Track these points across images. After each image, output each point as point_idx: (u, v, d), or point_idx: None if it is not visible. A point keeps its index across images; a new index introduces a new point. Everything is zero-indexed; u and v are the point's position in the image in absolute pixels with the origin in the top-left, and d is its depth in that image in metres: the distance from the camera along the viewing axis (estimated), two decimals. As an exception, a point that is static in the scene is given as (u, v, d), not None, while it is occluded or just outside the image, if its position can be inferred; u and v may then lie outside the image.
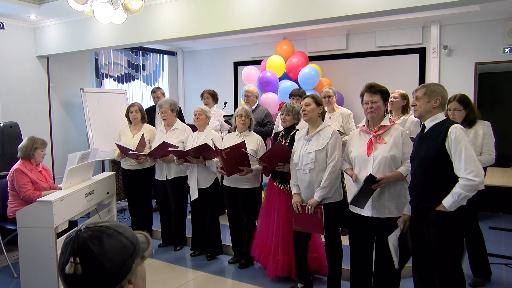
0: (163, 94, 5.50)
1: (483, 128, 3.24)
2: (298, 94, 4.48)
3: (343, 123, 4.21)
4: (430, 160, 2.34)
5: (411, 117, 3.80)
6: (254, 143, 3.69)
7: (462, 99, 3.24)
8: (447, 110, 3.28)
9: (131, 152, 4.18)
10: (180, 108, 5.81)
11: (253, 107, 4.71)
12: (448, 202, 2.28)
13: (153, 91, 5.49)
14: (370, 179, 2.55)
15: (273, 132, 4.39)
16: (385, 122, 2.70)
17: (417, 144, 2.49)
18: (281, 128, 3.65)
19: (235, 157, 3.45)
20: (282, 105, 3.61)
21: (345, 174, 2.78)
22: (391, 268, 2.69)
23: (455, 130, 2.28)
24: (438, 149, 2.31)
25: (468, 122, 3.24)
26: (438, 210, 2.31)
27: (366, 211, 2.70)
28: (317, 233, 3.19)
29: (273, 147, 3.36)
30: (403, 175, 2.60)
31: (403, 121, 3.77)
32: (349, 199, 2.69)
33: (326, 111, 3.27)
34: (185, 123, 4.56)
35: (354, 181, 2.71)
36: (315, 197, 2.97)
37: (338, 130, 3.89)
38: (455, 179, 2.29)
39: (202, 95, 5.14)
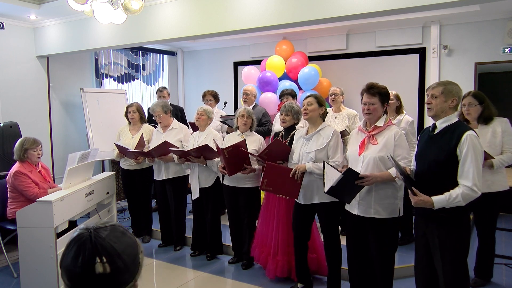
0: (169, 94, 5.47)
1: (502, 125, 3.14)
2: (288, 93, 4.49)
3: (349, 123, 4.20)
4: (439, 164, 2.29)
5: (405, 117, 3.83)
6: (256, 143, 3.68)
7: (477, 95, 3.19)
8: (461, 106, 3.25)
9: (130, 150, 4.18)
10: (182, 108, 5.81)
11: (251, 107, 4.70)
12: (440, 202, 2.23)
13: (159, 90, 5.41)
14: (349, 173, 2.52)
15: (273, 132, 4.39)
16: (380, 122, 2.68)
17: (425, 144, 2.43)
18: (278, 128, 3.64)
19: (237, 156, 3.45)
20: (281, 105, 3.61)
21: (326, 165, 2.76)
22: (383, 267, 2.69)
23: (470, 138, 2.21)
24: (449, 154, 2.25)
25: (484, 119, 3.17)
26: (426, 205, 2.26)
27: (353, 209, 2.71)
28: (291, 197, 3.13)
29: (272, 144, 3.35)
30: (392, 176, 2.56)
31: (399, 121, 3.78)
32: (325, 189, 2.67)
33: (328, 112, 3.26)
34: (187, 123, 4.55)
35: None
36: (306, 166, 2.98)
37: (344, 130, 3.90)
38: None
39: (204, 96, 5.11)
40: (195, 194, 3.97)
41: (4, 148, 4.69)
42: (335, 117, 4.24)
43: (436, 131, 2.38)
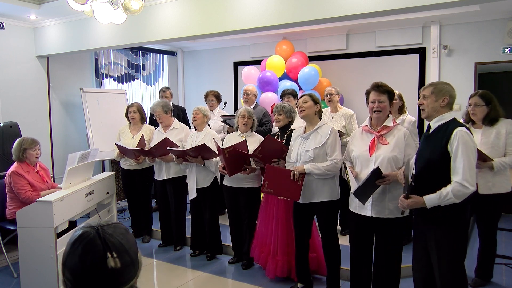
0: (172, 95, 5.47)
1: (506, 126, 3.10)
2: (289, 92, 4.49)
3: (345, 123, 4.21)
4: (433, 163, 2.31)
5: (408, 117, 3.82)
6: (256, 143, 3.66)
7: (485, 95, 3.15)
8: (468, 105, 3.25)
9: (130, 148, 4.18)
10: (184, 108, 5.80)
11: (252, 106, 4.71)
12: (431, 201, 2.25)
13: (162, 91, 5.41)
14: (377, 172, 2.51)
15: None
16: (388, 122, 2.68)
17: (422, 144, 2.46)
18: (277, 129, 3.64)
19: (237, 156, 3.44)
20: (273, 107, 3.61)
21: (348, 168, 2.77)
22: (391, 268, 2.69)
23: (460, 133, 2.22)
24: (441, 151, 2.27)
25: (490, 120, 3.13)
26: (418, 205, 2.29)
27: (366, 211, 2.69)
28: (292, 198, 3.13)
29: (264, 141, 3.34)
30: None
31: (401, 121, 3.77)
32: (352, 190, 2.66)
33: (323, 111, 3.26)
34: (189, 123, 4.55)
35: (354, 177, 2.70)
36: (304, 167, 2.97)
37: (339, 130, 3.91)
38: None
39: (206, 96, 5.11)
40: (192, 194, 3.98)
41: (4, 148, 4.69)
42: (332, 117, 4.25)
43: (431, 130, 2.41)
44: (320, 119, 3.15)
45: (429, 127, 2.44)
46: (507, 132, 3.09)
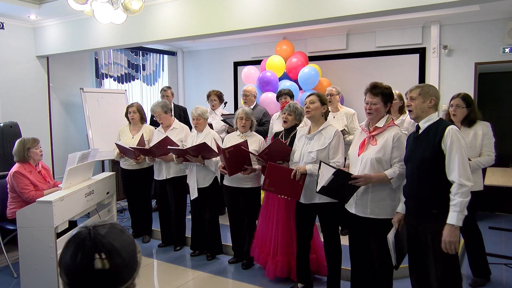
0: (173, 94, 5.47)
1: (483, 128, 3.23)
2: (285, 92, 4.50)
3: (347, 122, 4.23)
4: (427, 162, 2.34)
5: (408, 117, 3.81)
6: (256, 143, 3.68)
7: (466, 98, 3.27)
8: (449, 106, 3.34)
9: (131, 147, 4.18)
10: (185, 108, 5.80)
11: (251, 107, 4.71)
12: (453, 219, 2.24)
13: (163, 90, 5.41)
14: (340, 173, 2.56)
15: (273, 132, 4.39)
16: (380, 123, 2.67)
17: (412, 145, 2.48)
18: (277, 128, 3.64)
19: (238, 156, 3.45)
20: (285, 104, 3.60)
21: (322, 165, 2.76)
22: (383, 267, 2.69)
23: (452, 131, 2.29)
24: (435, 150, 2.31)
25: (468, 122, 3.26)
26: (445, 226, 2.27)
27: (351, 208, 2.73)
28: (293, 198, 3.13)
29: (272, 144, 3.35)
30: (387, 177, 2.56)
31: (401, 121, 3.78)
32: (317, 188, 2.71)
33: (330, 111, 3.26)
34: (190, 123, 4.55)
35: None
36: (306, 167, 2.98)
37: (343, 129, 3.91)
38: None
39: (208, 96, 5.09)
40: (194, 194, 3.98)
41: (4, 148, 4.69)
42: (333, 117, 4.26)
43: (420, 131, 2.44)
44: (326, 119, 3.15)
45: (417, 128, 2.47)
46: (483, 134, 3.22)
